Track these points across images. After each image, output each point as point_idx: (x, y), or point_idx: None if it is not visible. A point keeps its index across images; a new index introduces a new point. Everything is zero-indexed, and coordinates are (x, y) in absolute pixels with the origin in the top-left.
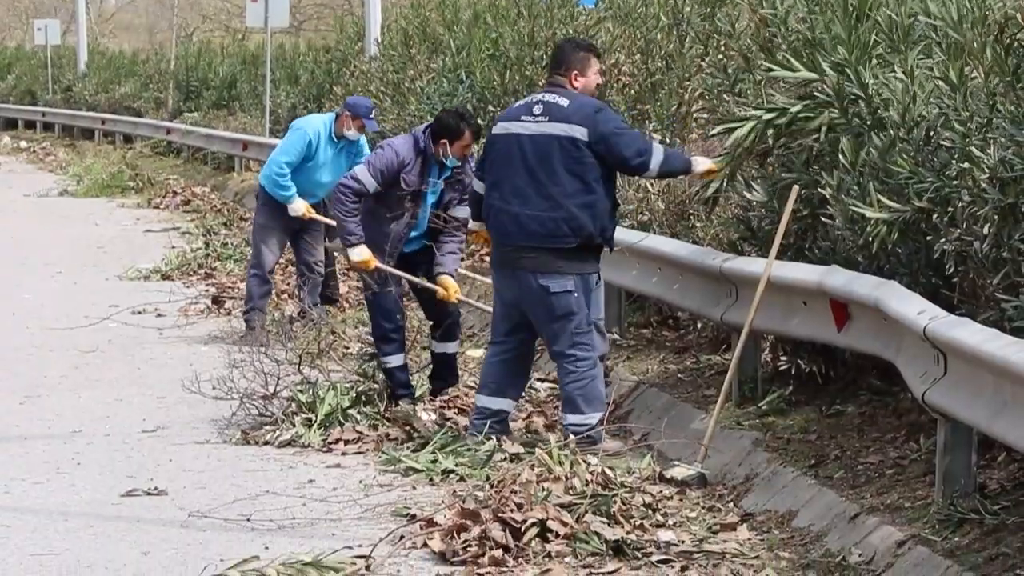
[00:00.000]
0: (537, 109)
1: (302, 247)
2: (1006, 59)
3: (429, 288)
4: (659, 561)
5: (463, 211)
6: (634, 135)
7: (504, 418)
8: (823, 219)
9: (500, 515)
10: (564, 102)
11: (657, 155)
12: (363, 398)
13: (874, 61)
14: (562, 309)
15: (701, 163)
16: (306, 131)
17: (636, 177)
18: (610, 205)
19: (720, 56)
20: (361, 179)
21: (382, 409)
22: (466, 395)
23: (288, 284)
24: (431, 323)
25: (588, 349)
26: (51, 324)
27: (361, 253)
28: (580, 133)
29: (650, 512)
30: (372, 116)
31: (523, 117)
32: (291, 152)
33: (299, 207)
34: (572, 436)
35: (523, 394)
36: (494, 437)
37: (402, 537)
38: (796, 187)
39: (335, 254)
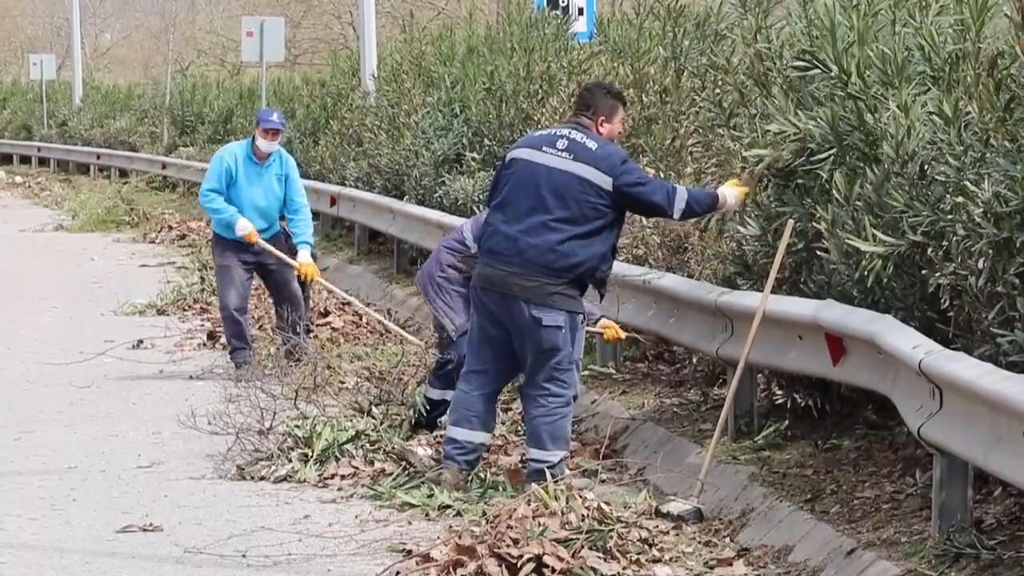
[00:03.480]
0: (561, 144)
1: (273, 279)
2: (997, 94)
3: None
4: None
5: None
6: (658, 183)
7: (481, 452)
8: (818, 253)
9: (496, 550)
10: (592, 145)
11: (681, 197)
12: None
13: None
14: (549, 343)
15: (730, 197)
16: (221, 155)
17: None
18: (609, 251)
19: (716, 90)
20: (466, 239)
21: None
22: None
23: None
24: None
25: (565, 387)
26: (46, 359)
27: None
28: (603, 181)
29: (646, 547)
30: (272, 117)
31: (545, 148)
32: (210, 179)
33: (244, 227)
34: (532, 472)
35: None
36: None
37: (398, 573)
38: (791, 221)
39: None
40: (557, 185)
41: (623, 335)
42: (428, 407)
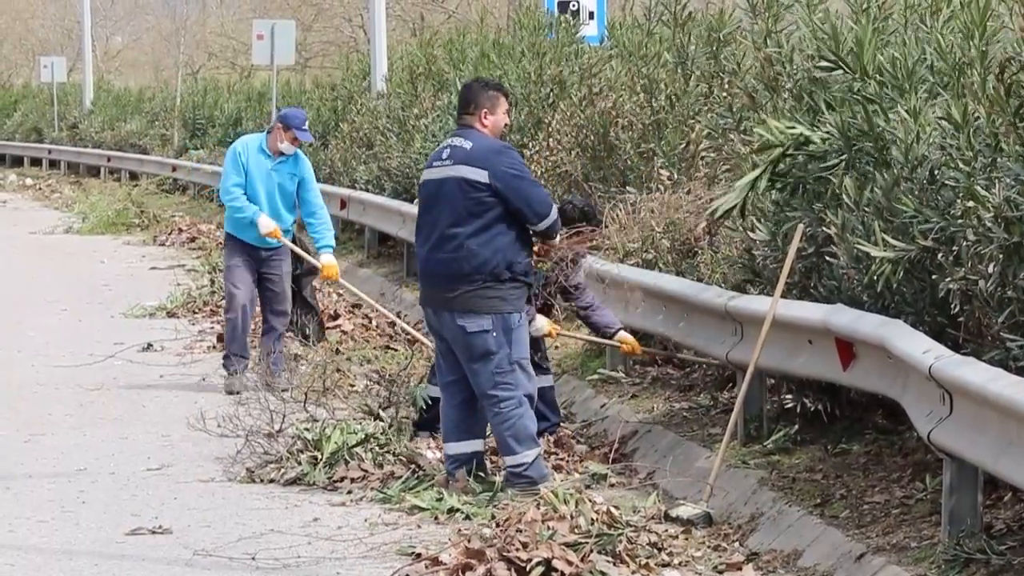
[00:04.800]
0: (445, 154)
1: (267, 297)
2: (1007, 99)
3: None
4: None
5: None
6: (534, 184)
7: (481, 459)
8: (828, 258)
9: (505, 554)
10: (468, 144)
11: (553, 214)
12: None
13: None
14: (480, 349)
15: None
16: (234, 147)
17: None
18: (514, 241)
19: (725, 95)
20: None
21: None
22: None
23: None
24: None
25: (511, 388)
26: (56, 362)
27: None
28: (479, 175)
29: (655, 551)
30: (305, 127)
31: (435, 163)
32: (230, 174)
33: (266, 224)
34: (510, 478)
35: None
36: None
37: None
38: (801, 226)
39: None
40: (445, 194)
41: (640, 350)
42: (429, 404)
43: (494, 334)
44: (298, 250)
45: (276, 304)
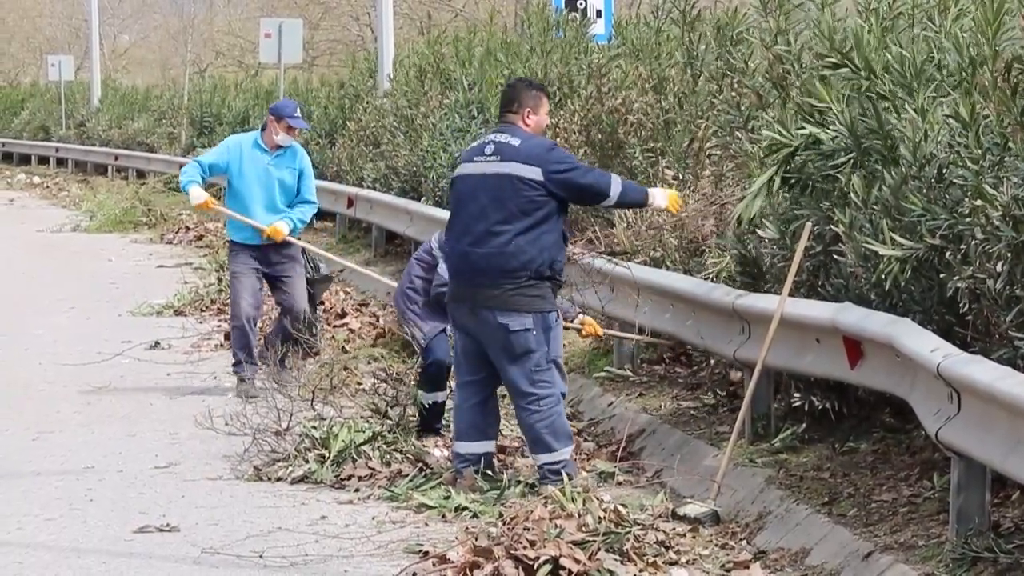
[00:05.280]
0: (489, 149)
1: (281, 299)
2: (1014, 98)
3: None
4: None
5: None
6: (588, 168)
7: (490, 459)
8: (836, 256)
9: (513, 552)
10: (516, 141)
11: (616, 185)
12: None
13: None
14: (521, 347)
15: (659, 196)
16: (227, 140)
17: (598, 206)
18: (558, 237)
19: (733, 94)
20: (435, 252)
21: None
22: None
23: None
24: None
25: (548, 386)
26: (63, 360)
27: None
28: (533, 172)
29: (663, 550)
30: (296, 114)
31: (476, 158)
32: (206, 155)
33: (196, 195)
34: (548, 475)
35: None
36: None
37: (415, 574)
38: (809, 224)
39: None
40: (492, 189)
41: (601, 332)
42: (425, 411)
43: (535, 332)
44: (298, 242)
45: (288, 303)
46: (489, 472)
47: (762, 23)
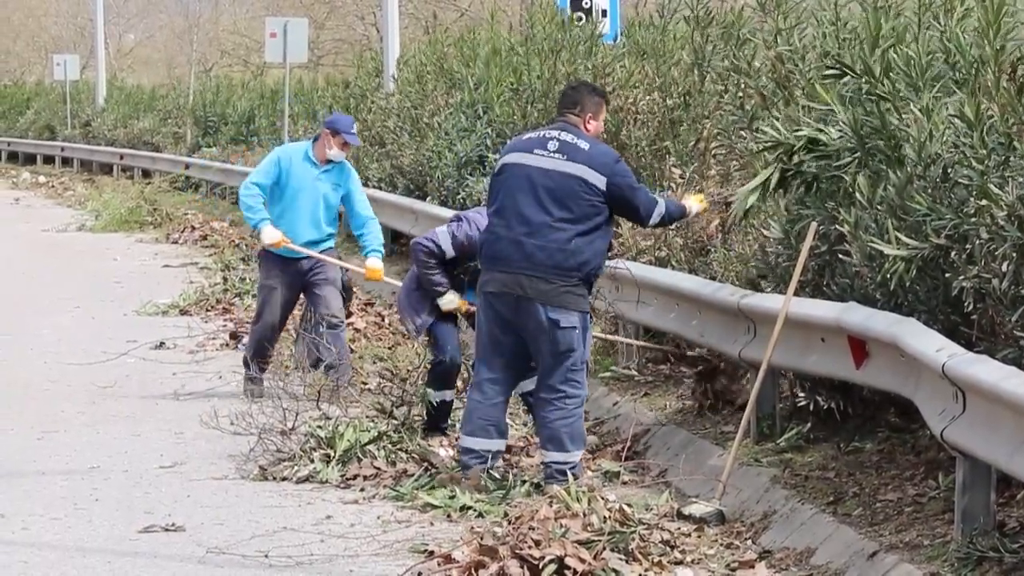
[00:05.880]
0: (552, 145)
1: (315, 302)
2: (1019, 98)
3: None
4: None
5: None
6: (646, 191)
7: (498, 458)
8: (841, 256)
9: (518, 552)
10: (584, 145)
11: (660, 209)
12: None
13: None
14: (566, 344)
15: (694, 207)
16: (277, 152)
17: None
18: (607, 246)
19: (738, 93)
20: (440, 243)
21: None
22: None
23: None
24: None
25: (578, 387)
26: (68, 359)
27: (451, 301)
28: (598, 180)
29: (668, 549)
30: (353, 131)
31: (536, 151)
32: (259, 173)
33: (270, 235)
34: (555, 474)
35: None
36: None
37: (420, 574)
38: (814, 224)
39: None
40: (555, 186)
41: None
42: (433, 410)
43: (578, 331)
44: (324, 258)
45: (324, 308)
46: (494, 473)
47: (763, 24)
